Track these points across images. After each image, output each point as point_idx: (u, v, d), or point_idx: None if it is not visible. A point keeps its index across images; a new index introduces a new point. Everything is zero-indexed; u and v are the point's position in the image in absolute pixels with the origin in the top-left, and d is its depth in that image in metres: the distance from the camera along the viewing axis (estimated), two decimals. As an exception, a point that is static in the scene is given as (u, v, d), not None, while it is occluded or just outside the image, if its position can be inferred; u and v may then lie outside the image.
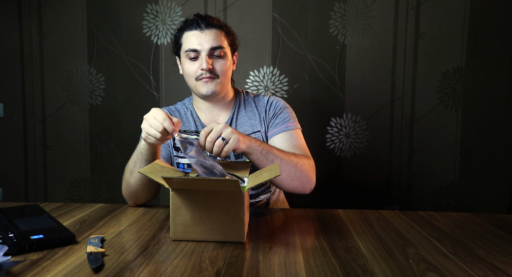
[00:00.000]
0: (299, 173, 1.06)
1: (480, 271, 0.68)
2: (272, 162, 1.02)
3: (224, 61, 1.17)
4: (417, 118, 2.06)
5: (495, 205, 2.08)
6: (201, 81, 1.15)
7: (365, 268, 0.68)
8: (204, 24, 1.15)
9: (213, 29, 1.15)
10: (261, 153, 1.00)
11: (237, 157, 1.21)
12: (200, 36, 1.14)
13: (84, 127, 2.16)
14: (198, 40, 1.14)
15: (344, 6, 2.02)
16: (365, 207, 1.28)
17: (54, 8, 2.12)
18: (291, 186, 1.08)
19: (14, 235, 0.77)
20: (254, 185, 0.82)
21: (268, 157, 1.01)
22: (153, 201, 1.14)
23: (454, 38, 2.02)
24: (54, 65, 2.15)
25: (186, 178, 0.79)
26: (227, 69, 1.17)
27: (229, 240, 0.80)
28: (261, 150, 1.01)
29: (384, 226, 0.92)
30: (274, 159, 1.02)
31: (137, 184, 1.05)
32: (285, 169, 1.04)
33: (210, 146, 0.93)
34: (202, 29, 1.14)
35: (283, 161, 1.03)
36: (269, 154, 1.02)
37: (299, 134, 1.21)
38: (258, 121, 1.23)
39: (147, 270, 0.67)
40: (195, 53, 1.14)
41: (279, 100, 1.27)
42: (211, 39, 1.14)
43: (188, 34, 1.16)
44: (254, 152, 1.00)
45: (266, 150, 1.02)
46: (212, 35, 1.14)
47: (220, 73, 1.16)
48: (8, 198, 2.22)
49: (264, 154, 1.01)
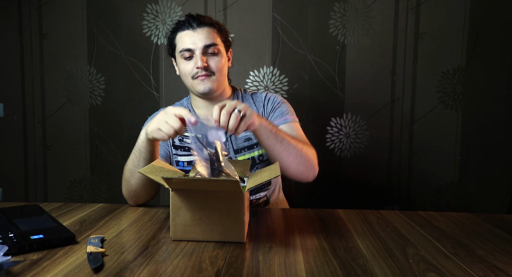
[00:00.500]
0: (304, 158, 1.06)
1: (480, 271, 0.68)
2: (281, 142, 1.01)
3: (219, 58, 1.17)
4: (417, 118, 2.06)
5: (495, 205, 2.08)
6: (198, 79, 1.16)
7: (365, 268, 0.68)
8: (196, 23, 1.16)
9: (205, 27, 1.16)
10: (271, 131, 1.00)
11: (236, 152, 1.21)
12: (193, 35, 1.15)
13: (84, 127, 2.16)
14: (191, 39, 1.15)
15: (344, 6, 2.02)
16: (365, 207, 1.28)
17: (54, 8, 2.12)
18: (297, 171, 1.07)
19: (14, 235, 0.77)
20: (254, 185, 0.82)
21: (277, 136, 1.01)
22: (153, 201, 1.14)
23: (454, 38, 2.02)
24: (54, 65, 2.15)
25: (186, 178, 0.79)
26: (222, 66, 1.18)
27: (229, 240, 0.80)
28: (271, 128, 1.00)
29: (384, 226, 0.92)
30: (283, 139, 1.02)
31: (137, 184, 1.05)
32: (292, 152, 1.03)
33: (225, 119, 0.87)
34: (194, 28, 1.15)
35: (290, 144, 1.03)
36: (278, 134, 1.01)
37: (298, 127, 1.22)
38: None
39: (147, 270, 0.67)
40: (190, 52, 1.15)
41: (276, 95, 1.29)
42: (204, 37, 1.15)
43: (181, 34, 1.17)
44: (265, 131, 0.99)
45: (275, 130, 1.01)
46: (205, 33, 1.15)
47: (215, 70, 1.16)
48: (8, 198, 2.22)
49: (274, 133, 1.00)
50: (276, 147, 1.02)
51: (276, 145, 1.01)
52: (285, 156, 1.03)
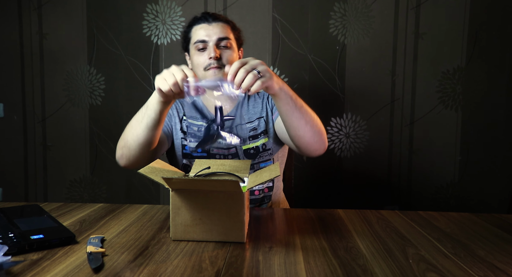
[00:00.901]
0: (319, 128, 1.06)
1: (480, 271, 0.68)
2: (300, 109, 0.99)
3: (231, 52, 1.21)
4: (417, 118, 2.06)
5: (495, 205, 2.08)
6: (210, 71, 1.18)
7: (365, 268, 0.68)
8: (212, 18, 1.21)
9: (219, 22, 1.22)
10: (291, 98, 0.98)
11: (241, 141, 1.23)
12: (207, 28, 1.20)
13: (84, 127, 2.16)
14: (206, 32, 1.19)
15: (344, 6, 2.02)
16: (365, 207, 1.28)
17: (54, 8, 2.12)
18: (312, 140, 1.05)
19: (14, 235, 0.77)
20: (254, 185, 0.82)
21: (296, 103, 0.99)
22: (153, 201, 1.14)
23: (454, 38, 2.02)
24: (54, 65, 2.15)
25: (186, 178, 0.79)
26: (233, 59, 1.20)
27: (229, 240, 0.80)
28: (292, 94, 0.98)
29: (384, 226, 0.92)
30: (302, 106, 1.00)
31: (134, 140, 1.04)
32: (309, 121, 1.02)
33: (242, 76, 0.86)
34: (210, 23, 1.21)
35: (308, 112, 1.02)
36: (297, 100, 1.00)
37: None
38: (261, 107, 1.27)
39: (147, 270, 0.67)
40: (204, 43, 1.19)
41: None
42: (218, 31, 1.19)
43: (196, 27, 1.22)
44: (285, 96, 0.97)
45: (295, 96, 1.00)
46: (219, 28, 1.20)
47: (227, 63, 1.18)
48: (8, 198, 2.22)
49: (294, 100, 0.98)
50: (294, 113, 0.99)
51: (294, 111, 0.99)
52: (303, 123, 1.02)
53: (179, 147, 1.24)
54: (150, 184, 2.12)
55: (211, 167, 1.00)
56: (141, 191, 2.12)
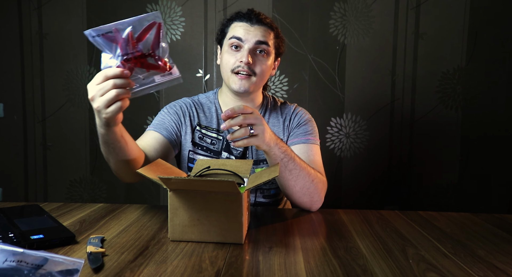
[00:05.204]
0: (313, 189, 1.02)
1: (480, 271, 0.68)
2: (290, 171, 0.97)
3: (265, 61, 1.13)
4: (417, 118, 2.06)
5: (495, 205, 2.08)
6: (236, 76, 1.11)
7: (365, 268, 0.68)
8: (255, 19, 1.11)
9: (262, 26, 1.12)
10: (282, 160, 0.96)
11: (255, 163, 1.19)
12: (248, 28, 1.11)
13: (84, 127, 2.16)
14: (245, 31, 1.10)
15: (344, 6, 2.02)
16: (365, 207, 1.28)
17: (54, 8, 2.12)
18: (300, 200, 1.03)
19: (14, 235, 0.77)
20: (253, 186, 0.81)
21: (287, 165, 0.96)
22: (153, 201, 1.14)
23: (454, 38, 2.02)
24: (54, 65, 2.15)
25: (184, 179, 0.78)
26: (266, 69, 1.13)
27: (227, 242, 0.80)
28: (283, 157, 0.95)
29: (384, 226, 0.92)
30: (293, 169, 0.97)
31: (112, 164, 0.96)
32: (300, 182, 0.99)
33: (235, 123, 0.85)
34: (253, 23, 1.11)
35: (302, 173, 0.99)
36: (289, 163, 0.97)
37: (317, 150, 1.17)
38: (281, 129, 1.21)
39: (147, 270, 0.67)
40: (239, 42, 1.10)
41: (305, 112, 1.25)
42: (258, 34, 1.10)
43: (236, 24, 1.13)
44: (274, 156, 0.95)
45: (287, 158, 0.96)
46: (261, 31, 1.11)
47: (258, 72, 1.11)
48: (8, 198, 2.22)
49: (285, 163, 0.96)
50: (282, 173, 0.98)
51: (282, 172, 0.97)
52: (291, 185, 1.00)
53: (185, 159, 1.18)
54: (150, 184, 2.11)
55: (212, 167, 1.00)
56: (141, 191, 2.12)
